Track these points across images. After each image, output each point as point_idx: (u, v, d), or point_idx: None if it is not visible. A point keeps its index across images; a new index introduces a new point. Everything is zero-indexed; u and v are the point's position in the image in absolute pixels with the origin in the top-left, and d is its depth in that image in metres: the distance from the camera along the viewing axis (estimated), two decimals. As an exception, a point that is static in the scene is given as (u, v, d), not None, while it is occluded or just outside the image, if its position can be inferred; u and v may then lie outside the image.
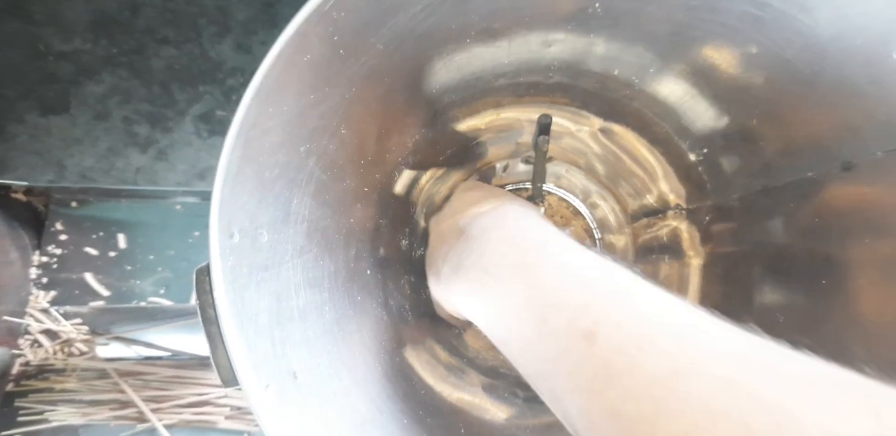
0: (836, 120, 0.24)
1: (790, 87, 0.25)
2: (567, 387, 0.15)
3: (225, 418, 0.44)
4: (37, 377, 0.44)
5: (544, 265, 0.18)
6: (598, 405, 0.14)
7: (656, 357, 0.13)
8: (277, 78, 0.18)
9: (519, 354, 0.18)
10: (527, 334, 0.17)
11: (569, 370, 0.15)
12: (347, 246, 0.28)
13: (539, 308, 0.17)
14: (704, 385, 0.12)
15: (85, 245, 0.48)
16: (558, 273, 0.18)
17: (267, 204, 0.21)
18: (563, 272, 0.18)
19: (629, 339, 0.14)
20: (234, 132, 0.18)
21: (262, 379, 0.18)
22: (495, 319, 0.20)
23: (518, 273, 0.19)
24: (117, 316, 0.42)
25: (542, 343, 0.16)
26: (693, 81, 0.28)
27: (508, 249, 0.21)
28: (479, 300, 0.21)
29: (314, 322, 0.23)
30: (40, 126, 0.56)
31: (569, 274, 0.17)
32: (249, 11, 0.62)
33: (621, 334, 0.14)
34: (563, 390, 0.15)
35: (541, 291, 0.17)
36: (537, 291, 0.18)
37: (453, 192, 0.36)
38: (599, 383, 0.14)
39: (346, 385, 0.23)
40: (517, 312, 0.18)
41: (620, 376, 0.13)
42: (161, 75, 0.59)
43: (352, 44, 0.20)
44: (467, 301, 0.22)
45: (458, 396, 0.32)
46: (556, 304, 0.16)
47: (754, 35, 0.23)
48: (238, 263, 0.19)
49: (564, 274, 0.18)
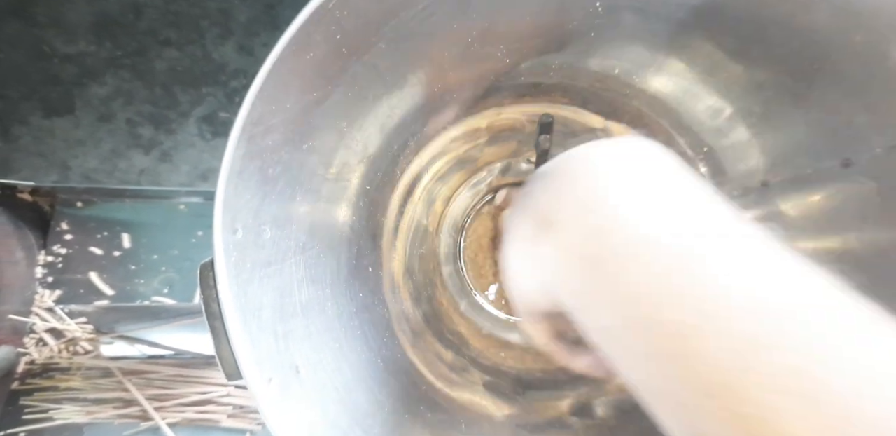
0: (836, 116, 0.24)
1: (790, 85, 0.25)
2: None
3: (227, 416, 0.44)
4: (42, 376, 0.44)
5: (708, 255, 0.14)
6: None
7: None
8: (280, 76, 0.18)
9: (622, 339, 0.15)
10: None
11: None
12: (349, 243, 0.28)
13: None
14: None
15: (90, 245, 0.48)
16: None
17: (270, 201, 0.21)
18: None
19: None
20: (237, 130, 0.18)
21: (265, 373, 0.19)
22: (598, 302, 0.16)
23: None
24: (122, 315, 0.42)
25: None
26: (693, 80, 0.29)
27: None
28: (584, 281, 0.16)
29: (316, 318, 0.24)
30: (44, 127, 0.56)
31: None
32: (251, 13, 0.62)
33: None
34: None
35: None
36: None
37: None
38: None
39: (348, 380, 0.23)
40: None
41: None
42: (164, 77, 0.60)
43: (354, 42, 0.20)
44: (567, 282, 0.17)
45: (459, 393, 0.32)
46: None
47: (755, 33, 0.24)
48: (241, 259, 0.19)
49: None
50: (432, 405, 0.28)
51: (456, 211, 0.44)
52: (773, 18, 0.22)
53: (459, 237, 0.44)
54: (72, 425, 0.43)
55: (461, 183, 0.43)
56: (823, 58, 0.22)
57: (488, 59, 0.27)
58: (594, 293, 0.15)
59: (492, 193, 0.44)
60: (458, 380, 0.34)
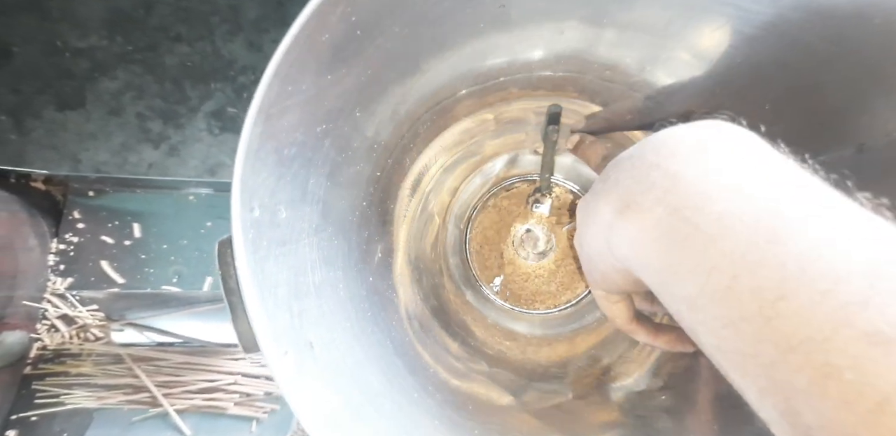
0: (853, 101, 0.24)
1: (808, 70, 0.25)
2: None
3: (234, 404, 0.45)
4: (53, 361, 0.45)
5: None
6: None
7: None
8: (298, 56, 0.18)
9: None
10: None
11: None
12: (360, 228, 0.29)
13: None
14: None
15: (101, 234, 0.49)
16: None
17: (285, 182, 0.22)
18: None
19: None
20: (254, 108, 0.18)
21: (281, 346, 0.19)
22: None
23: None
24: (132, 303, 0.43)
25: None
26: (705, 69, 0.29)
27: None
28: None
29: (329, 298, 0.24)
30: (56, 121, 0.57)
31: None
32: (260, 10, 0.63)
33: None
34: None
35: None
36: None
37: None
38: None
39: (359, 359, 0.24)
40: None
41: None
42: (174, 72, 0.61)
43: (369, 25, 0.20)
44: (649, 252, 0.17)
45: (464, 381, 0.33)
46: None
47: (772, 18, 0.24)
48: (258, 236, 0.20)
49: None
50: (440, 386, 0.28)
51: (463, 202, 0.44)
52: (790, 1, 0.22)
53: (466, 229, 0.44)
54: (82, 409, 0.43)
55: (468, 174, 0.43)
56: (842, 41, 0.22)
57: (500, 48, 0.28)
58: (679, 267, 0.16)
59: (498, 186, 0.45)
60: (463, 369, 0.34)
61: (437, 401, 0.26)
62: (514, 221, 0.44)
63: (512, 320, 0.43)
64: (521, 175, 0.44)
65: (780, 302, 0.13)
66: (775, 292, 0.13)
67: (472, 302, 0.43)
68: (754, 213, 0.15)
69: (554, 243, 0.43)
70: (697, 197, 0.16)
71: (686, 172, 0.17)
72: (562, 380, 0.36)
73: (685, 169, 0.17)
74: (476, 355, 0.38)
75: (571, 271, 0.43)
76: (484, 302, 0.44)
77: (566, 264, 0.43)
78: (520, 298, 0.44)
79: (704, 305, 0.15)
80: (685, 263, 0.16)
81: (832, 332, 0.12)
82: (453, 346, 0.37)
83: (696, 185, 0.16)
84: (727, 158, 0.17)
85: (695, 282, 0.15)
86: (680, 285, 0.16)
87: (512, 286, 0.44)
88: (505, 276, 0.44)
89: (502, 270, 0.44)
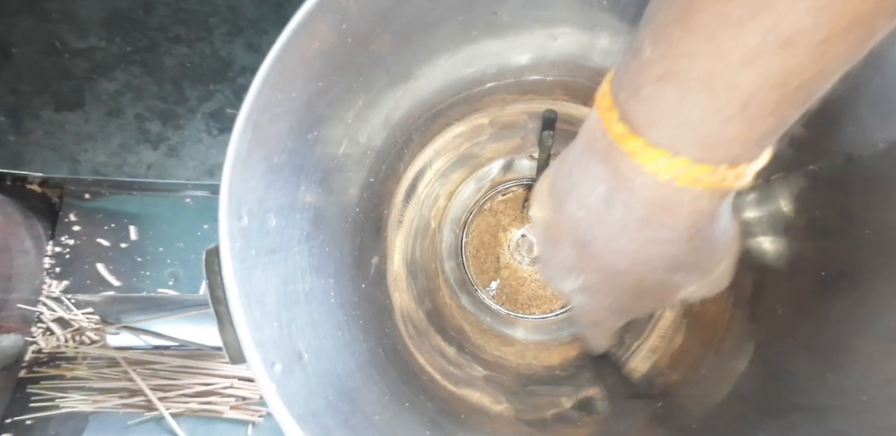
0: (840, 111, 0.24)
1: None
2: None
3: (230, 408, 0.45)
4: (48, 364, 0.45)
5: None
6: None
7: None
8: (287, 64, 0.18)
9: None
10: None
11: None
12: (353, 234, 0.28)
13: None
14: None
15: (97, 236, 0.49)
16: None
17: (275, 189, 0.22)
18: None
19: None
20: (243, 116, 0.18)
21: (268, 357, 0.19)
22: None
23: None
24: (128, 306, 0.43)
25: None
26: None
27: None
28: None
29: (319, 306, 0.24)
30: (55, 122, 0.57)
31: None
32: (260, 11, 0.63)
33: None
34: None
35: None
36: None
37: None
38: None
39: (350, 368, 0.24)
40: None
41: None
42: (173, 73, 0.61)
43: (359, 32, 0.20)
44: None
45: (460, 386, 0.33)
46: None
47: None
48: (246, 245, 0.20)
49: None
50: (433, 395, 0.28)
51: (458, 207, 0.44)
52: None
53: (462, 233, 0.44)
54: (77, 413, 0.43)
55: (464, 179, 0.43)
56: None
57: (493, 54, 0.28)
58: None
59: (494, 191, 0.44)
60: (459, 374, 0.34)
61: (430, 409, 0.25)
62: (510, 225, 0.44)
63: (508, 325, 0.43)
64: (517, 179, 0.44)
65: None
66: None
67: (467, 307, 0.42)
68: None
69: (550, 248, 0.43)
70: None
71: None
72: (557, 387, 0.35)
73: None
74: (472, 359, 0.38)
75: (568, 276, 0.43)
76: (480, 307, 0.43)
77: (563, 269, 0.43)
78: (516, 303, 0.44)
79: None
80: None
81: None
82: (449, 351, 0.37)
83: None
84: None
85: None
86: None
87: (508, 290, 0.44)
88: (501, 280, 0.44)
89: (498, 274, 0.44)
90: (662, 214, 0.14)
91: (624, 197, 0.14)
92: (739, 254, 0.20)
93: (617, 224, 0.15)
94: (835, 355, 0.23)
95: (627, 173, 0.14)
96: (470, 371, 0.36)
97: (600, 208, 0.15)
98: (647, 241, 0.15)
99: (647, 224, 0.14)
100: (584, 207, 0.15)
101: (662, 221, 0.14)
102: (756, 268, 0.29)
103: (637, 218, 0.14)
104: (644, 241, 0.15)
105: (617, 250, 0.15)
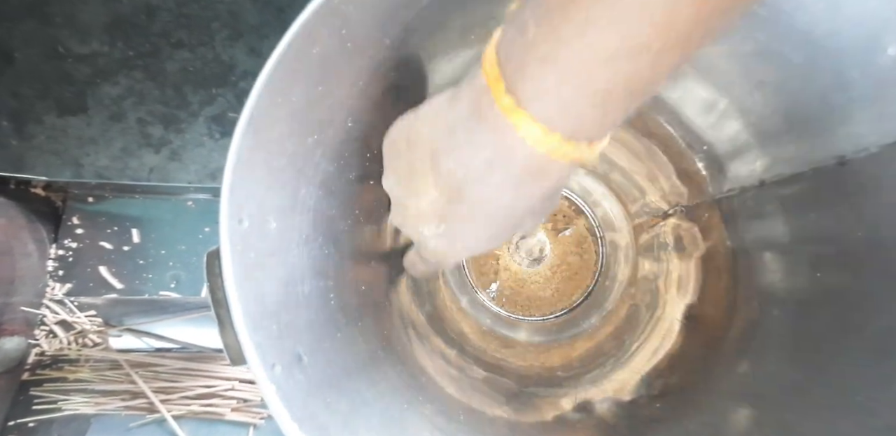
0: (832, 115, 0.24)
1: (788, 84, 0.25)
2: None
3: (231, 410, 0.45)
4: (51, 367, 0.45)
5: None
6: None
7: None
8: (287, 68, 0.18)
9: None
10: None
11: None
12: (353, 237, 0.29)
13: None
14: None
15: (100, 239, 0.49)
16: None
17: (275, 192, 0.22)
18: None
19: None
20: (244, 120, 0.18)
21: (268, 359, 0.19)
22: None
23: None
24: (130, 308, 0.43)
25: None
26: (692, 80, 0.29)
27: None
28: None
29: (319, 309, 0.24)
30: (58, 126, 0.57)
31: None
32: (262, 17, 0.63)
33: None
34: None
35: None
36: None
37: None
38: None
39: (350, 370, 0.24)
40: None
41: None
42: (175, 78, 0.61)
43: (359, 38, 0.20)
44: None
45: (459, 388, 0.33)
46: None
47: (753, 32, 0.24)
48: (246, 248, 0.20)
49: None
50: (432, 397, 0.28)
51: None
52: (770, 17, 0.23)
53: (462, 235, 0.44)
54: (80, 415, 0.43)
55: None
56: (819, 56, 0.23)
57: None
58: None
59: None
60: (459, 376, 0.34)
61: (429, 411, 0.26)
62: (510, 227, 0.44)
63: (508, 327, 0.43)
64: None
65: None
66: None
67: (467, 309, 0.43)
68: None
69: (549, 250, 0.43)
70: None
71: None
72: (558, 389, 0.36)
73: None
74: (473, 361, 0.38)
75: (567, 278, 0.43)
76: (480, 309, 0.44)
77: (561, 271, 0.43)
78: (515, 304, 0.44)
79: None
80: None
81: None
82: (450, 353, 0.37)
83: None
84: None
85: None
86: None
87: (507, 292, 0.44)
88: (501, 282, 0.44)
89: (498, 276, 0.44)
90: (536, 178, 0.17)
91: (505, 162, 0.16)
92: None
93: (495, 184, 0.17)
94: (832, 355, 0.23)
95: (511, 143, 0.16)
96: (470, 373, 0.36)
97: (482, 170, 0.17)
98: (519, 197, 0.18)
99: (522, 185, 0.17)
100: (464, 166, 0.18)
101: (535, 182, 0.17)
102: (751, 271, 0.29)
103: (514, 180, 0.17)
104: (516, 197, 0.18)
105: (491, 203, 0.18)
